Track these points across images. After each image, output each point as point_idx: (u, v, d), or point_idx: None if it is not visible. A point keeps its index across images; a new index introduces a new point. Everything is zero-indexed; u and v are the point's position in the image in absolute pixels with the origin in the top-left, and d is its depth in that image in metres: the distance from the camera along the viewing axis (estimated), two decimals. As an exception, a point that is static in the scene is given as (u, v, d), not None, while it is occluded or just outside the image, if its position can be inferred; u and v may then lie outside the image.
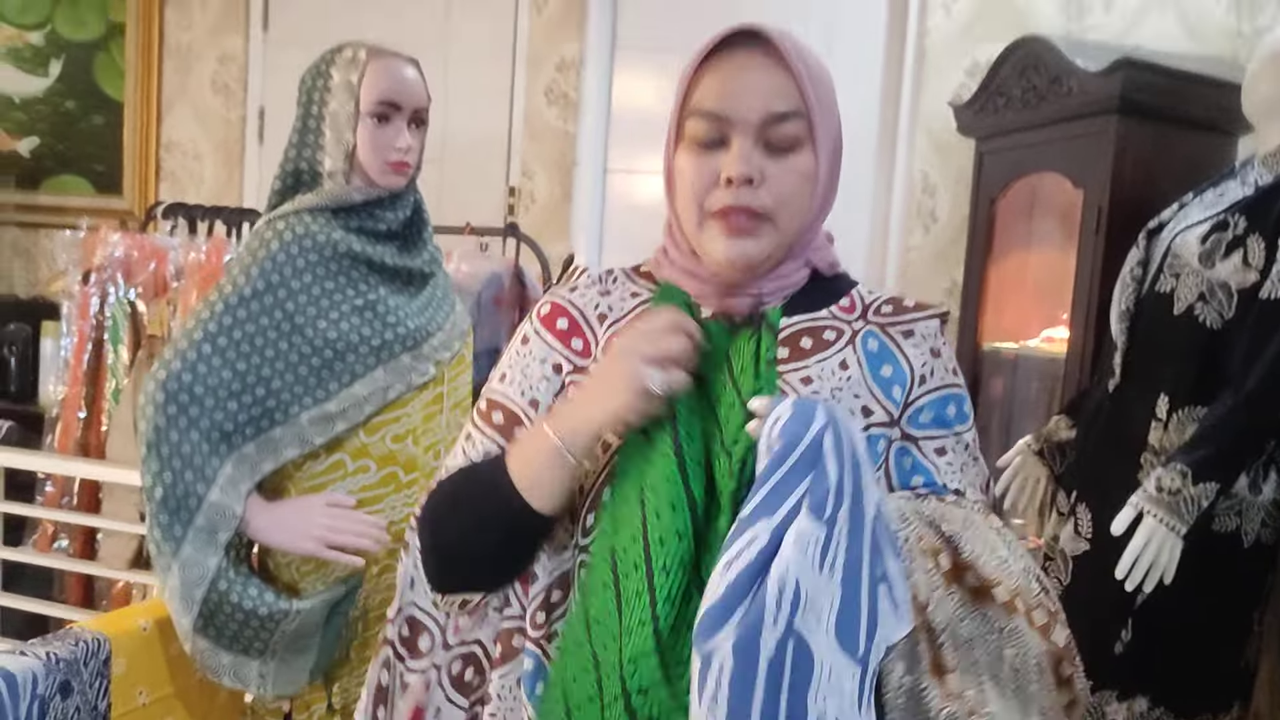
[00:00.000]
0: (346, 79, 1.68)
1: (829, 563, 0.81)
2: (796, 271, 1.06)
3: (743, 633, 0.78)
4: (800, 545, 0.80)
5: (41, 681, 1.41)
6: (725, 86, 0.99)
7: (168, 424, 1.54)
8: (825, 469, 0.83)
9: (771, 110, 0.98)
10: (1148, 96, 2.31)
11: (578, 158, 3.61)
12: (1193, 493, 1.73)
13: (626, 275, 1.14)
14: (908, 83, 3.20)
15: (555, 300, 1.13)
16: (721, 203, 0.99)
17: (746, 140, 0.98)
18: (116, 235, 2.78)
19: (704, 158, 1.00)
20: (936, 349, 1.06)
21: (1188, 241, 1.91)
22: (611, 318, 1.10)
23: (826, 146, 1.01)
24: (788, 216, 1.00)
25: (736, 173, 0.97)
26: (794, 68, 0.98)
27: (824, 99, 1.01)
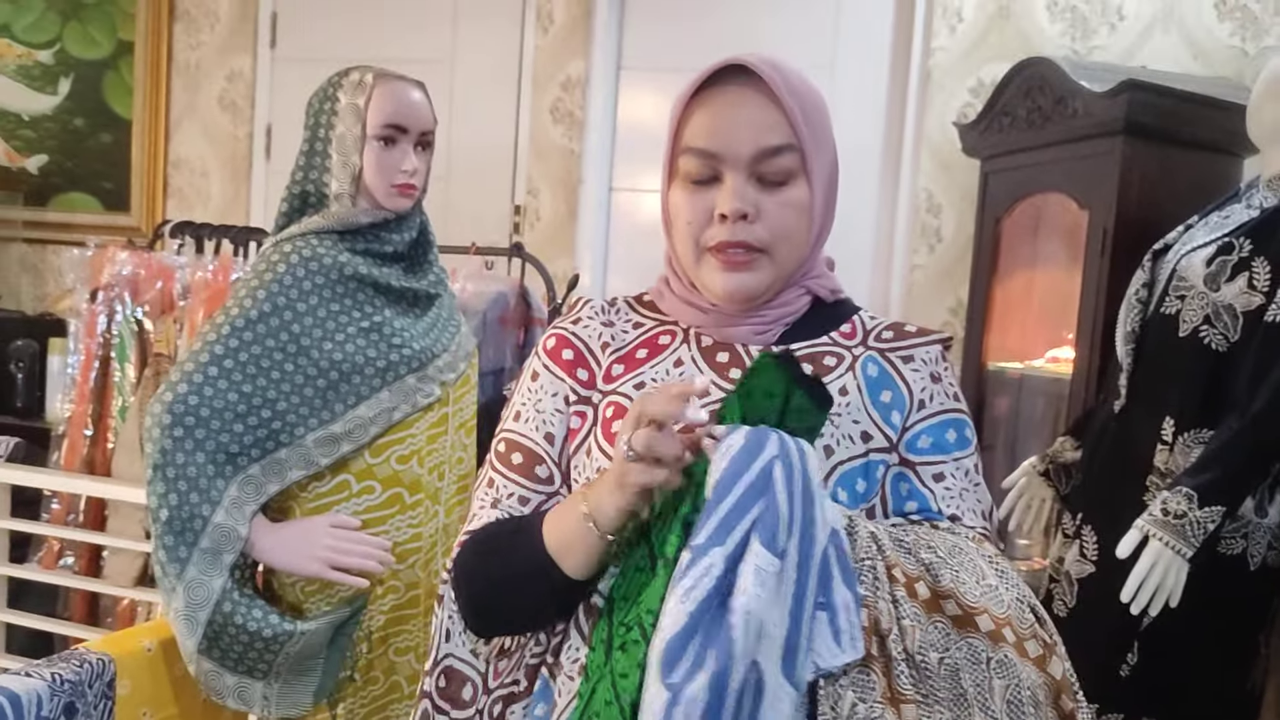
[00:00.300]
0: (353, 102, 1.69)
1: (781, 594, 0.82)
2: (797, 300, 1.07)
3: (716, 668, 0.78)
4: (760, 579, 0.81)
5: (46, 703, 1.41)
6: (715, 123, 1.00)
7: (174, 446, 1.55)
8: (775, 499, 0.83)
9: (762, 145, 0.99)
10: (1153, 118, 2.31)
11: (583, 176, 3.61)
12: (1199, 516, 1.72)
13: (629, 305, 1.15)
14: (912, 102, 3.20)
15: (559, 333, 1.13)
16: (717, 239, 1.00)
17: (739, 176, 0.99)
18: (124, 253, 2.78)
19: (698, 194, 1.01)
20: (937, 374, 1.07)
21: (1193, 264, 1.91)
22: (614, 346, 1.10)
23: (821, 176, 1.02)
24: (785, 249, 1.01)
25: (730, 209, 0.98)
26: (784, 101, 0.99)
27: (816, 129, 1.01)
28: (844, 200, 1.10)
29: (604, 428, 1.05)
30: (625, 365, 1.09)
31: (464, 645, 1.09)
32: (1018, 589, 0.93)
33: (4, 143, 4.39)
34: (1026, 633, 0.90)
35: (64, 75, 4.29)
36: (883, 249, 3.28)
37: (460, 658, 1.10)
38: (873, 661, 0.86)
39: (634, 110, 3.60)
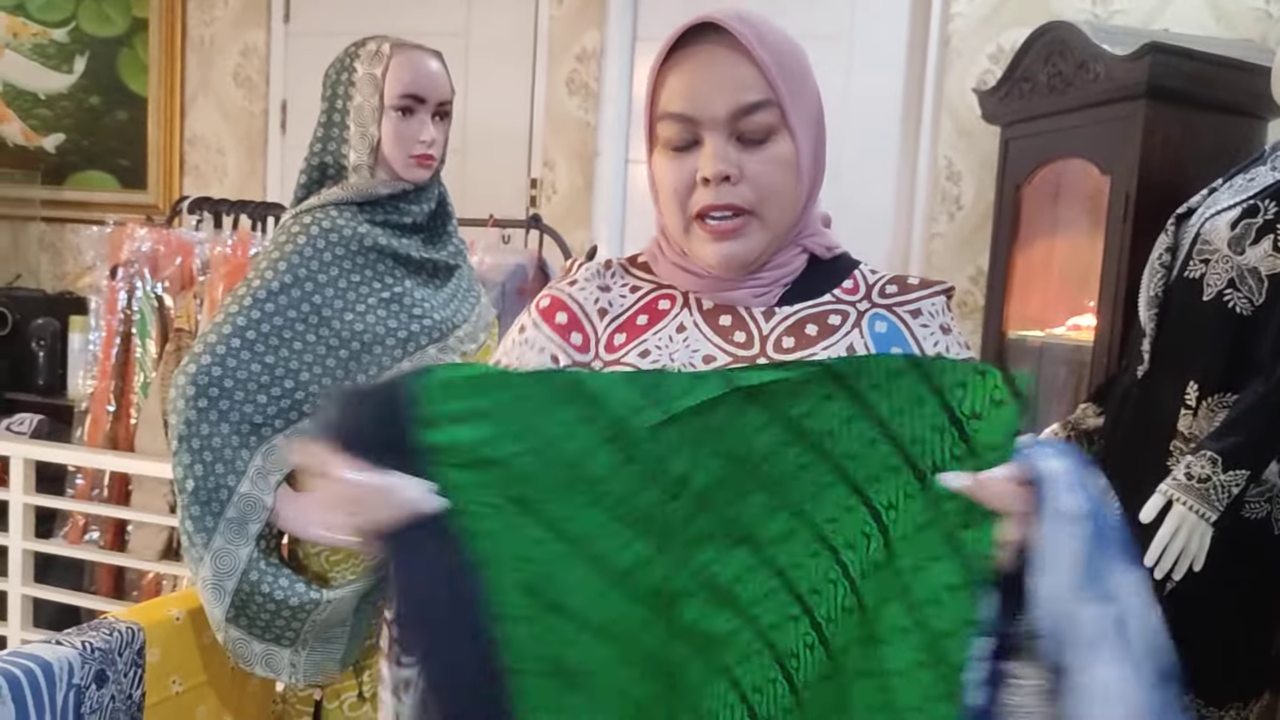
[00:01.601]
0: (370, 72, 1.68)
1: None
2: (794, 259, 1.05)
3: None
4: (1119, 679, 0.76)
5: (77, 671, 1.43)
6: (689, 86, 0.98)
7: (198, 417, 1.56)
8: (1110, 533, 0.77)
9: (739, 103, 0.96)
10: (1176, 81, 2.29)
11: (599, 148, 3.60)
12: (1223, 480, 1.72)
13: (624, 268, 1.13)
14: (931, 69, 3.18)
15: (554, 294, 1.11)
16: (702, 203, 0.98)
17: (718, 137, 0.97)
18: (143, 230, 2.79)
19: (680, 160, 0.99)
20: (946, 325, 1.05)
21: (1217, 227, 1.89)
22: (612, 313, 1.08)
23: (804, 128, 0.99)
24: (773, 208, 0.99)
25: (713, 171, 0.97)
26: (757, 56, 0.96)
27: (795, 81, 0.98)
28: (862, 168, 1.08)
29: None
30: (627, 333, 1.06)
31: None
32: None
33: (21, 122, 4.40)
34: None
35: (79, 53, 4.29)
36: (902, 217, 3.27)
37: None
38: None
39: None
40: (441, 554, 0.82)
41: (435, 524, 0.82)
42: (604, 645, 0.85)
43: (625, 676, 0.86)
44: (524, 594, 0.84)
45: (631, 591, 0.85)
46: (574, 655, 0.85)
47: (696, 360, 1.01)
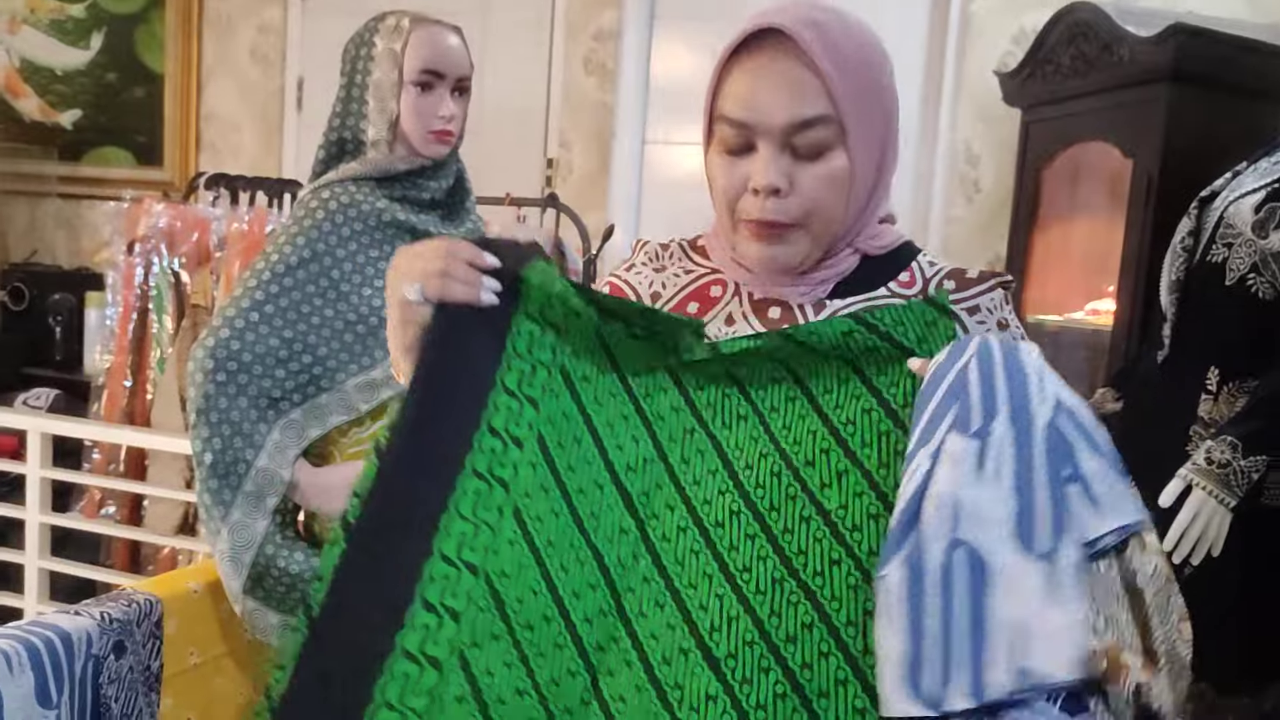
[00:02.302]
0: (390, 47, 1.67)
1: (990, 473, 0.79)
2: (845, 260, 1.04)
3: (909, 552, 0.79)
4: (952, 462, 0.81)
5: (96, 641, 1.44)
6: (748, 92, 0.96)
7: (217, 391, 1.56)
8: (968, 391, 0.84)
9: (795, 117, 0.94)
10: (1201, 64, 2.26)
11: (615, 129, 3.59)
12: (1243, 465, 1.71)
13: (683, 250, 1.14)
14: (951, 51, 3.15)
15: (613, 281, 1.13)
16: (750, 213, 0.98)
17: (772, 147, 0.95)
18: (160, 206, 2.80)
19: (734, 162, 0.98)
20: (1004, 321, 1.03)
21: (1241, 211, 1.87)
22: (665, 296, 1.10)
23: (866, 144, 0.97)
24: (820, 221, 0.98)
25: (763, 184, 0.95)
26: (822, 68, 0.93)
27: (862, 94, 0.96)
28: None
29: None
30: None
31: None
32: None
33: (38, 97, 4.41)
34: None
35: (96, 29, 4.29)
36: (920, 201, 3.25)
37: None
38: (1169, 582, 0.81)
39: (667, 62, 3.57)
40: (478, 349, 0.96)
41: (491, 323, 0.95)
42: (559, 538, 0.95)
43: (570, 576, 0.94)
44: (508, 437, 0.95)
45: (618, 490, 0.95)
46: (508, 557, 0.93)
47: None
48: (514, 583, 0.92)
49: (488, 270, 0.94)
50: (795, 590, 0.88)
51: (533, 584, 0.92)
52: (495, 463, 0.94)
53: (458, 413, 0.94)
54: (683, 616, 0.89)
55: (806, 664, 0.86)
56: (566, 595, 0.92)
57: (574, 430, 0.96)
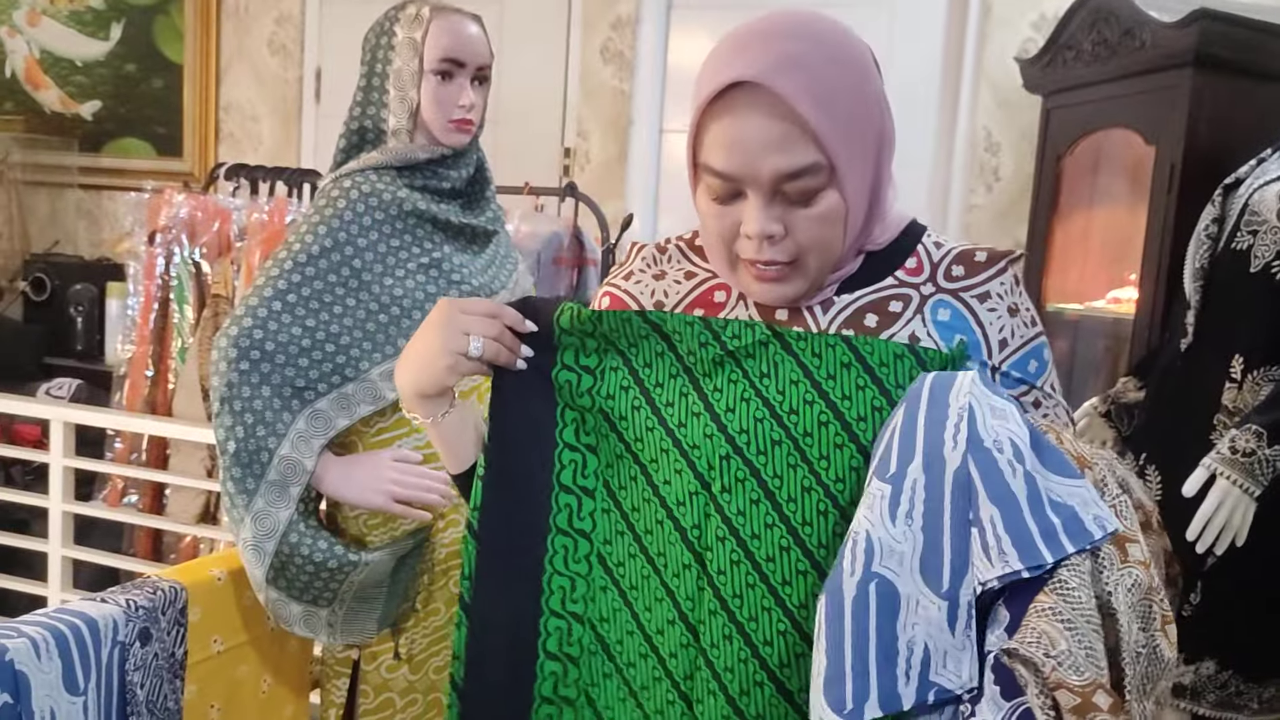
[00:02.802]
0: (410, 36, 1.67)
1: (903, 514, 0.84)
2: (850, 261, 1.02)
3: (830, 584, 0.85)
4: (868, 503, 0.86)
5: (122, 628, 1.44)
6: (730, 142, 0.91)
7: (240, 379, 1.56)
8: (892, 437, 0.88)
9: (782, 169, 0.90)
10: (1225, 49, 2.24)
11: (633, 117, 3.58)
12: (1268, 454, 1.70)
13: (681, 251, 1.12)
14: (971, 38, 3.13)
15: (611, 291, 1.12)
16: (747, 255, 0.96)
17: (761, 196, 0.92)
18: (181, 196, 2.81)
19: (723, 209, 0.96)
20: (1014, 305, 1.02)
21: (1266, 197, 1.86)
22: (668, 304, 1.08)
23: (857, 176, 0.94)
24: (818, 257, 0.96)
25: (756, 231, 0.93)
26: (805, 116, 0.89)
27: (848, 125, 0.92)
28: (900, 140, 1.02)
29: None
30: None
31: None
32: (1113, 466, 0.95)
33: (58, 89, 4.43)
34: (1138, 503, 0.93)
35: (115, 20, 4.31)
36: (939, 189, 3.23)
37: None
38: (1153, 593, 0.85)
39: (685, 50, 3.56)
40: (536, 400, 1.03)
41: (541, 383, 1.03)
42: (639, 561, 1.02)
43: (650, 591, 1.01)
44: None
45: (675, 526, 0.99)
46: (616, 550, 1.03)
47: None
48: (612, 626, 1.02)
49: (526, 335, 1.01)
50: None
51: (627, 625, 1.01)
52: (574, 516, 1.03)
53: (534, 477, 1.03)
54: (751, 651, 0.94)
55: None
56: (653, 633, 0.99)
57: (629, 470, 1.01)
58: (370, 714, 1.74)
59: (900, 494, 0.85)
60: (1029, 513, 0.83)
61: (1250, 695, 1.88)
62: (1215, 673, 1.88)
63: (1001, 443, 0.84)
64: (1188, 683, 1.88)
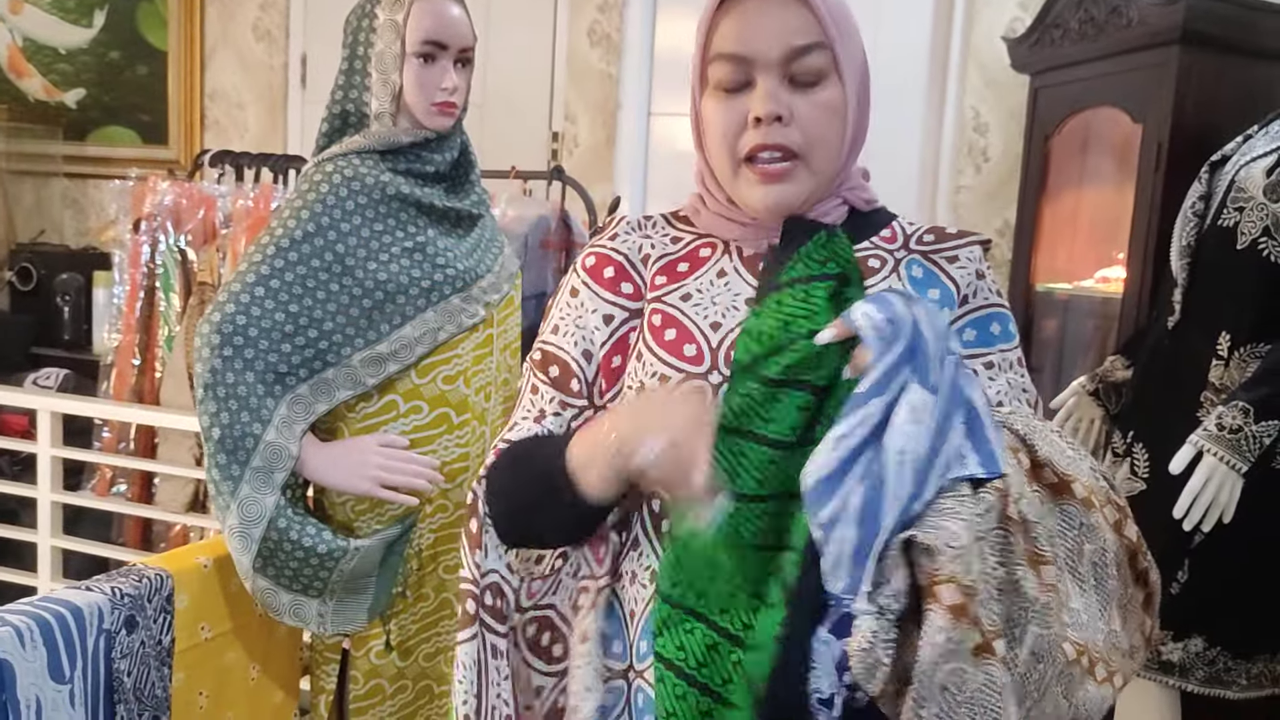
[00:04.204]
0: (392, 18, 1.66)
1: (929, 428, 0.84)
2: (834, 210, 1.06)
3: (861, 502, 0.83)
4: (914, 416, 0.84)
5: (107, 616, 1.44)
6: (744, 27, 0.98)
7: (223, 365, 1.56)
8: (924, 340, 0.87)
9: (792, 45, 0.97)
10: (1211, 26, 2.24)
11: (621, 100, 3.57)
12: (1254, 430, 1.70)
13: (666, 220, 1.15)
14: (959, 17, 3.13)
15: (598, 250, 1.12)
16: (752, 143, 0.99)
17: (771, 78, 0.98)
18: (165, 184, 2.79)
19: (731, 101, 1.00)
20: (981, 271, 1.06)
21: (1252, 174, 1.85)
22: (654, 256, 1.10)
23: (852, 75, 1.01)
24: (820, 153, 1.00)
25: (765, 111, 0.97)
26: (811, 2, 0.97)
27: (845, 28, 1.00)
28: (888, 120, 1.08)
29: (652, 334, 1.04)
30: (667, 276, 1.08)
31: (500, 558, 1.08)
32: (1089, 459, 0.96)
33: (42, 77, 4.40)
34: (1104, 499, 0.93)
35: (98, 7, 4.28)
36: (928, 170, 3.23)
37: (499, 572, 1.08)
38: (1011, 524, 0.86)
39: (672, 32, 3.54)
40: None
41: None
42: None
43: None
44: None
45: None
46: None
47: (738, 302, 1.03)
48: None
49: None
50: None
51: None
52: None
53: None
54: None
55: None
56: None
57: None
58: (360, 700, 1.74)
59: (936, 405, 0.86)
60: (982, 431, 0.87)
61: (1238, 671, 1.89)
62: (1203, 649, 1.88)
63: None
64: (1176, 660, 1.89)
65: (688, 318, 1.03)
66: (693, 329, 1.02)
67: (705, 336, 1.01)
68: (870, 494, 0.83)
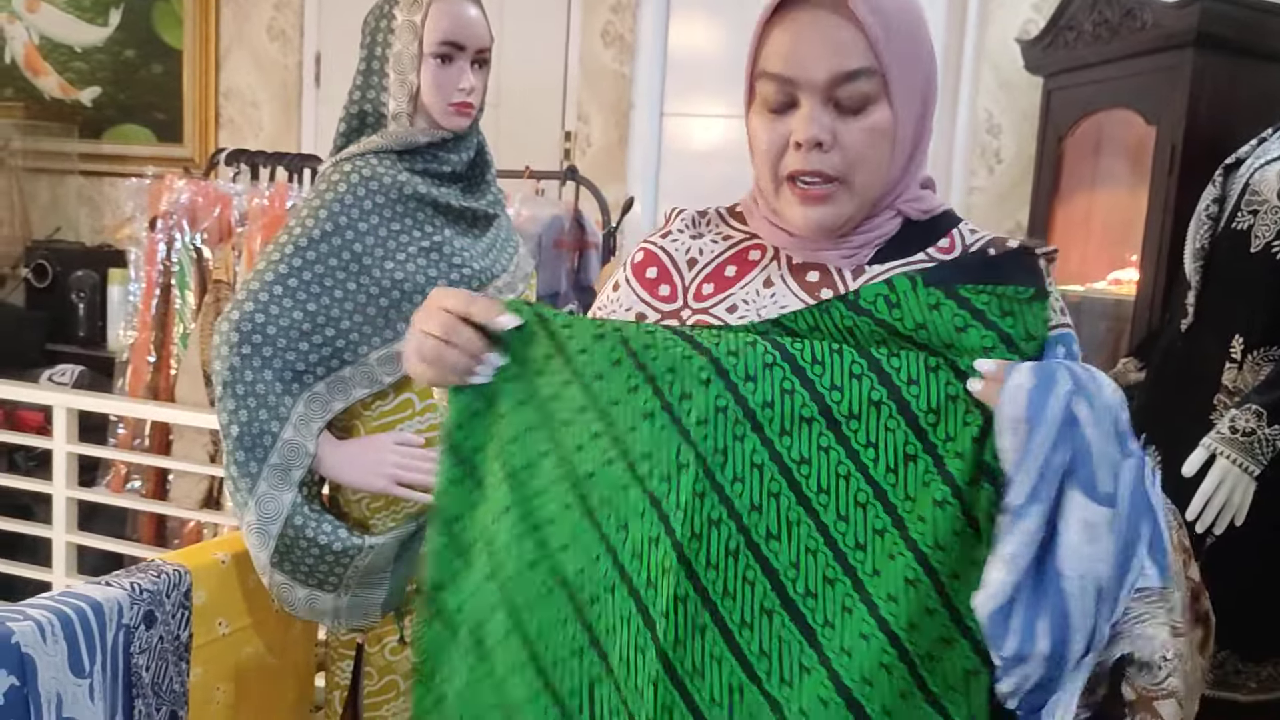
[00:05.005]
0: (410, 19, 1.67)
1: (1110, 546, 0.77)
2: (887, 223, 1.03)
3: (1050, 641, 0.76)
4: (1090, 535, 0.75)
5: (127, 611, 1.45)
6: (790, 47, 0.96)
7: (242, 363, 1.57)
8: (1086, 439, 0.77)
9: (838, 70, 0.94)
10: (1225, 28, 2.24)
11: (634, 101, 3.57)
12: (1267, 434, 1.70)
13: (721, 217, 1.14)
14: (973, 18, 3.12)
15: (648, 247, 1.13)
16: (792, 167, 0.97)
17: (814, 101, 0.95)
18: (181, 182, 2.81)
19: (775, 120, 0.98)
20: (1044, 291, 1.00)
21: (1267, 177, 1.86)
22: (701, 262, 1.09)
23: (907, 97, 0.97)
24: (863, 177, 0.97)
25: (805, 136, 0.95)
26: (863, 20, 0.93)
27: (902, 48, 0.95)
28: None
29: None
30: (715, 284, 1.07)
31: None
32: (1165, 500, 0.93)
33: (58, 75, 4.43)
34: (1177, 545, 0.90)
35: (114, 6, 4.30)
36: (940, 171, 3.23)
37: None
38: (1199, 621, 0.84)
39: (685, 32, 3.54)
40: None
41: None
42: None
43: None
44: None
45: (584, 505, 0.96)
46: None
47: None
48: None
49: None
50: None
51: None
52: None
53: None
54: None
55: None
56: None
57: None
58: (374, 696, 1.76)
59: (1116, 521, 0.78)
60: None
61: (1248, 674, 1.89)
62: (1214, 652, 1.89)
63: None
64: (1187, 662, 1.89)
65: None
66: None
67: None
68: (1056, 631, 0.75)
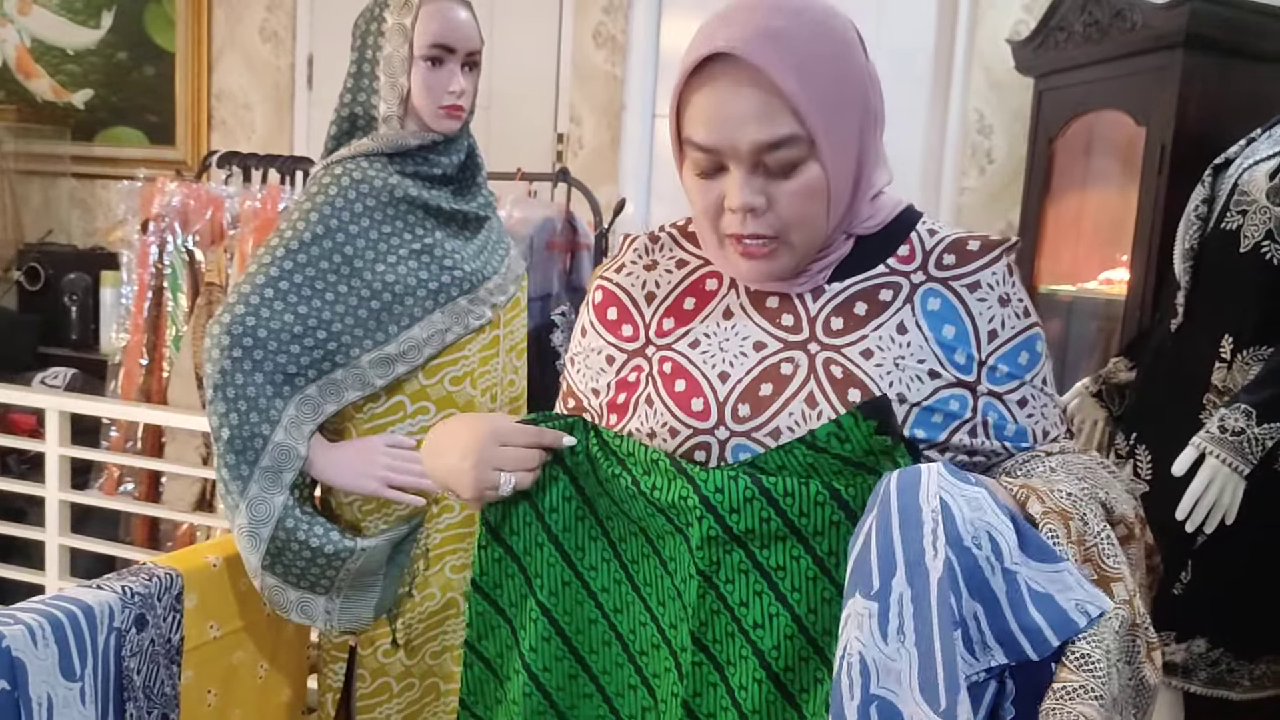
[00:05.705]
0: (400, 22, 1.67)
1: (894, 631, 0.82)
2: (840, 246, 1.02)
3: (833, 709, 0.84)
4: (856, 622, 0.83)
5: (118, 614, 1.45)
6: (711, 117, 0.93)
7: (233, 366, 1.57)
8: (869, 545, 0.85)
9: (760, 141, 0.91)
10: (1215, 29, 2.25)
11: (626, 102, 3.58)
12: (1257, 433, 1.71)
13: (673, 239, 1.13)
14: (964, 20, 3.13)
15: (604, 285, 1.13)
16: (731, 229, 0.97)
17: (742, 170, 0.93)
18: (173, 184, 2.80)
19: (708, 183, 0.97)
20: (1005, 296, 1.02)
21: (1255, 177, 1.86)
22: (660, 295, 1.09)
23: (840, 150, 0.95)
24: (801, 235, 0.97)
25: (737, 204, 0.94)
26: (782, 88, 0.90)
27: (827, 101, 0.92)
28: (892, 123, 1.03)
29: (664, 382, 1.04)
30: (675, 318, 1.07)
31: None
32: (1121, 478, 0.96)
33: (50, 78, 4.42)
34: (1135, 517, 0.95)
35: (106, 8, 4.30)
36: (931, 172, 3.23)
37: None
38: (1136, 629, 0.86)
39: (677, 33, 3.55)
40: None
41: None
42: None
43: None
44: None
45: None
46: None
47: (746, 347, 1.02)
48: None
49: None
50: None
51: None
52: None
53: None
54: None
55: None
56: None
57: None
58: (367, 698, 1.76)
59: (888, 610, 0.82)
60: (1010, 612, 0.82)
61: (1241, 672, 1.89)
62: (1206, 650, 1.89)
63: (980, 538, 0.82)
64: (1179, 661, 1.90)
65: (697, 368, 1.02)
66: (701, 381, 1.01)
67: (713, 389, 1.01)
68: (835, 700, 0.84)
